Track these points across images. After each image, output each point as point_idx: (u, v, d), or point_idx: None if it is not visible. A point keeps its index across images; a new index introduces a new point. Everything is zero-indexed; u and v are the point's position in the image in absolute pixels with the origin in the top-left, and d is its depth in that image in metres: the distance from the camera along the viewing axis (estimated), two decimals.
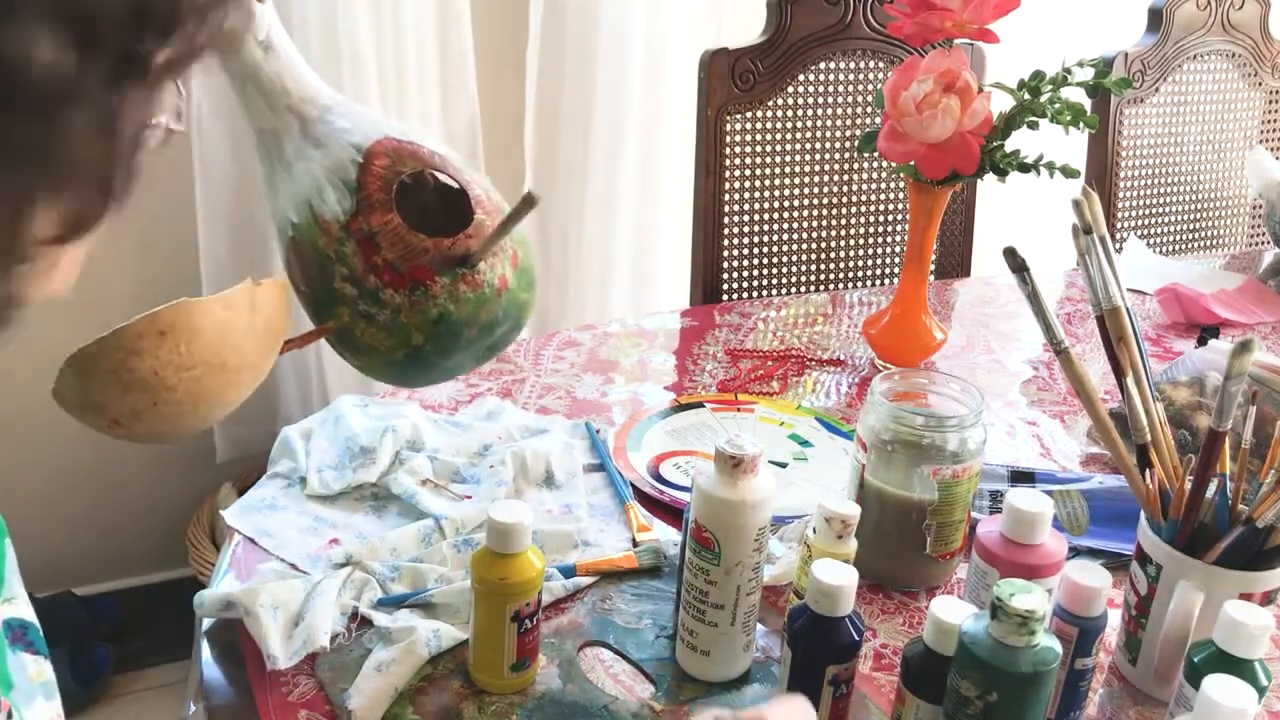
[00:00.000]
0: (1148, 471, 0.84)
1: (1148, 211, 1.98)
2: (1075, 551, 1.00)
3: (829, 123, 1.69)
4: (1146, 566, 0.84)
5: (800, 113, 1.67)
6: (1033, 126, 1.21)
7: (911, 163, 1.21)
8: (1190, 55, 1.93)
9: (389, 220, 0.78)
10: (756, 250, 1.69)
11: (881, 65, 1.70)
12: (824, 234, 1.74)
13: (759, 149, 1.65)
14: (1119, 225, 1.93)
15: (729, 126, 1.62)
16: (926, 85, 1.16)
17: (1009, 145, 1.21)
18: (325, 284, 0.79)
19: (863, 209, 1.75)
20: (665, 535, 1.00)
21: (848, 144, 1.71)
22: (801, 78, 1.65)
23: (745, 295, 1.70)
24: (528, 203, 0.77)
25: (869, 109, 1.70)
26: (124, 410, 0.69)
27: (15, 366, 1.77)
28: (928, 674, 0.74)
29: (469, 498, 1.03)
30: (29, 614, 0.55)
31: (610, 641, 0.88)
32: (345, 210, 0.78)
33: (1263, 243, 2.08)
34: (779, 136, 1.66)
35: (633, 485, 1.08)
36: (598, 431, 1.16)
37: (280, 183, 0.82)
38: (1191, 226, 2.04)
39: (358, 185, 0.79)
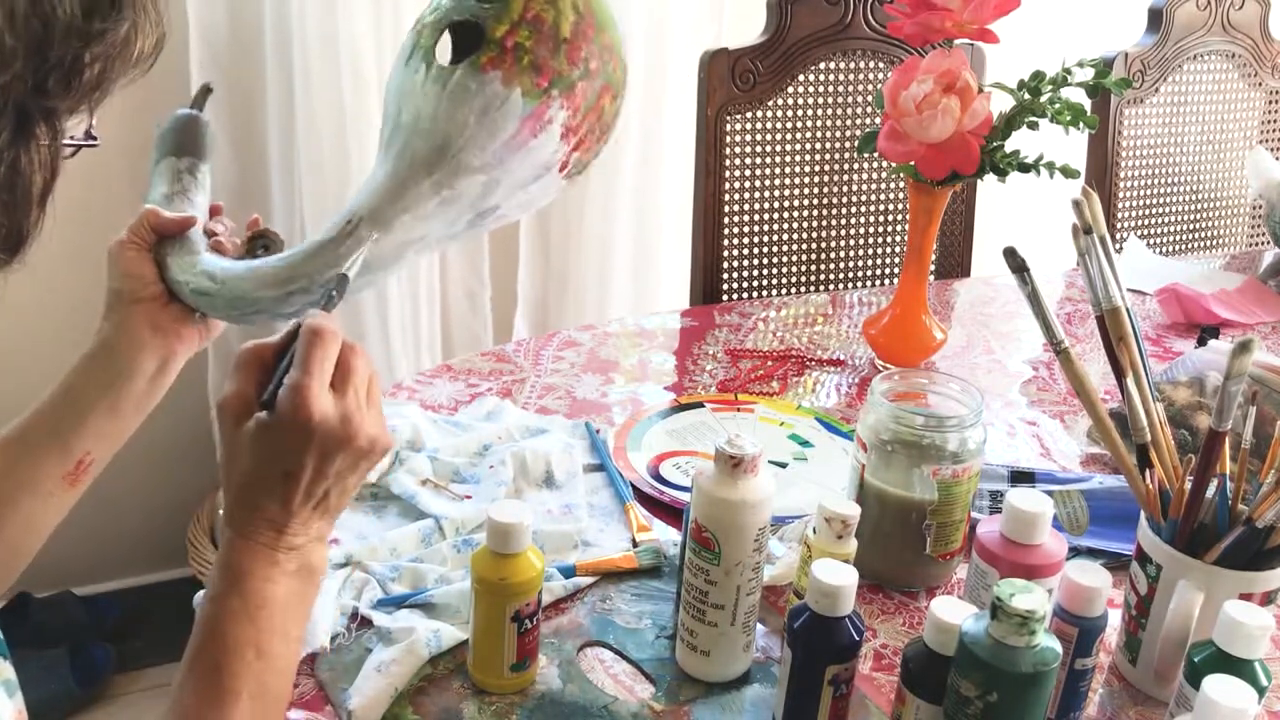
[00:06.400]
0: (1148, 471, 0.84)
1: (1148, 211, 1.98)
2: (1075, 551, 1.00)
3: (829, 123, 1.69)
4: (1146, 566, 0.84)
5: (800, 113, 1.67)
6: (1033, 126, 1.21)
7: (911, 163, 1.21)
8: (1190, 55, 1.93)
9: None
10: (756, 250, 1.69)
11: (881, 65, 1.69)
12: (824, 234, 1.73)
13: (759, 149, 1.65)
14: (1119, 225, 1.93)
15: (729, 127, 1.62)
16: (926, 85, 1.16)
17: (1009, 145, 1.21)
18: None
19: (862, 209, 1.75)
20: (665, 535, 1.00)
21: (848, 144, 1.71)
22: (801, 78, 1.65)
23: (745, 295, 1.70)
24: None
25: (869, 109, 1.70)
26: None
27: (16, 365, 1.77)
28: (928, 674, 0.74)
29: (469, 498, 1.03)
30: None
31: (610, 641, 0.88)
32: None
33: (1263, 243, 2.07)
34: (779, 136, 1.66)
35: (633, 485, 1.08)
36: (598, 431, 1.16)
37: None
38: (1191, 226, 2.04)
39: None
